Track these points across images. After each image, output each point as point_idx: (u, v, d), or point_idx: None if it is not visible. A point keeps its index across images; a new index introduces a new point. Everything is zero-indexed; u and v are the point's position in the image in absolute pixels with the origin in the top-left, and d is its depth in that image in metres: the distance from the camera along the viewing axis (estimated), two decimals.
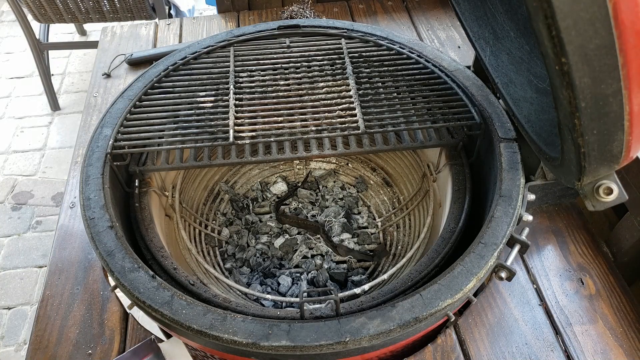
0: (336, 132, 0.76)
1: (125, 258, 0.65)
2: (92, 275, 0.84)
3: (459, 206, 0.77)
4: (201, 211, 1.02)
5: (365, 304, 0.64)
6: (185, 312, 0.59)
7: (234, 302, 0.66)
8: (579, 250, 0.86)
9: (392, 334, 0.58)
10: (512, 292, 0.80)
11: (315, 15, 1.35)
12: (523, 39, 0.77)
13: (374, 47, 0.94)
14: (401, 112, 0.80)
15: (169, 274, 0.70)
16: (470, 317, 0.77)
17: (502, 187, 0.70)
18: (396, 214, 1.04)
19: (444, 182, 0.86)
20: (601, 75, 0.41)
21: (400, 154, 1.04)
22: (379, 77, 0.87)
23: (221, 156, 0.77)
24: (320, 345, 0.56)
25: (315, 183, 1.13)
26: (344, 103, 0.80)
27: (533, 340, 0.75)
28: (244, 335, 0.57)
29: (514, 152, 0.74)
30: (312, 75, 0.87)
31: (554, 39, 0.40)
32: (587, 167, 0.50)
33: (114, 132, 0.77)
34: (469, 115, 0.78)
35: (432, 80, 0.86)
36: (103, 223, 0.69)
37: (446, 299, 0.59)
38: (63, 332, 0.78)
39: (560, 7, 0.38)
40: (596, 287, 0.81)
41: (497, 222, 0.66)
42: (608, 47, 0.40)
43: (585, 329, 0.76)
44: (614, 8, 0.38)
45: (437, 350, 0.74)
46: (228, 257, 1.01)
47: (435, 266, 0.69)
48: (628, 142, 0.47)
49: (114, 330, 0.78)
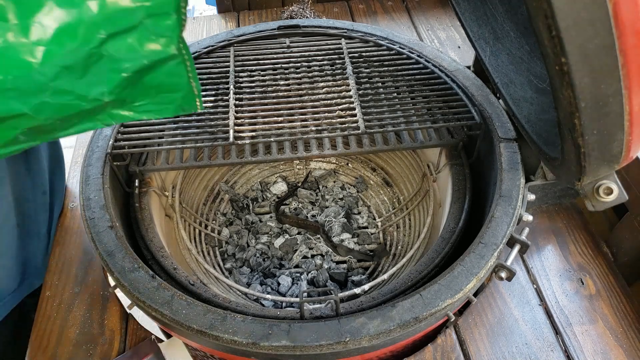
0: (336, 132, 0.76)
1: (125, 258, 0.65)
2: (92, 275, 0.84)
3: (459, 206, 0.77)
4: (201, 211, 1.02)
5: (365, 304, 0.64)
6: (185, 312, 0.59)
7: (234, 302, 0.66)
8: (579, 250, 0.86)
9: (392, 334, 0.58)
10: (512, 292, 0.80)
11: (315, 15, 1.35)
12: (523, 39, 0.77)
13: (374, 47, 0.94)
14: (401, 112, 0.80)
15: (169, 274, 0.70)
16: (470, 317, 0.77)
17: (502, 187, 0.70)
18: (396, 214, 1.04)
19: (444, 182, 0.86)
20: (601, 75, 0.41)
21: (400, 154, 1.04)
22: (379, 77, 0.87)
23: (221, 156, 0.77)
24: (320, 345, 0.56)
25: (315, 183, 1.13)
26: (344, 103, 0.80)
27: (533, 340, 0.75)
28: (244, 335, 0.57)
29: (514, 152, 0.74)
30: (312, 75, 0.87)
31: (554, 39, 0.40)
32: (587, 167, 0.50)
33: (114, 132, 0.77)
34: (469, 115, 0.78)
35: (432, 80, 0.86)
36: (103, 223, 0.69)
37: (446, 299, 0.59)
38: (63, 332, 0.78)
39: (560, 7, 0.38)
40: (596, 287, 0.81)
41: (497, 222, 0.66)
42: (608, 47, 0.40)
43: (585, 329, 0.76)
44: (614, 8, 0.38)
45: (437, 350, 0.74)
46: (228, 257, 1.01)
47: (435, 266, 0.69)
48: (628, 142, 0.47)
49: (114, 330, 0.78)
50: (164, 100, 0.54)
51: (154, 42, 0.49)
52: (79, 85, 0.47)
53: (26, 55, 0.43)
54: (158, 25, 0.48)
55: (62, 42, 0.44)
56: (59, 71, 0.45)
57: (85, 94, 0.48)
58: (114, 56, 0.47)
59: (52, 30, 0.43)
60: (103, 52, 0.47)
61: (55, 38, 0.43)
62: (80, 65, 0.46)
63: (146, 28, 0.47)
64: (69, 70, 0.46)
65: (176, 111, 0.55)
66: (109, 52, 0.47)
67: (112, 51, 0.47)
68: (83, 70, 0.46)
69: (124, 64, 0.48)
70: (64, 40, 0.44)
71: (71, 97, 0.47)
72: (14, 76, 0.44)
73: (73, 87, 0.47)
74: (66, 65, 0.45)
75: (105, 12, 0.45)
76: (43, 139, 0.52)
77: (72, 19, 0.44)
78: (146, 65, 0.50)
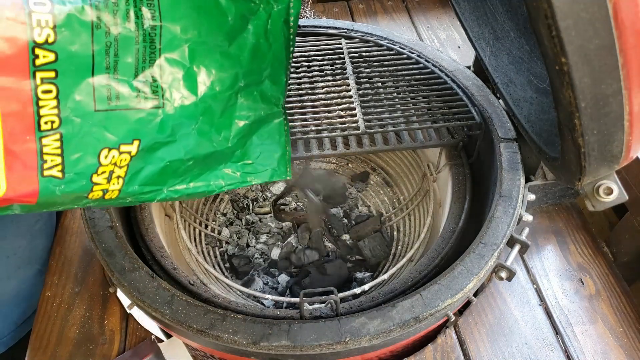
0: (336, 132, 0.76)
1: (125, 258, 0.65)
2: (92, 275, 0.84)
3: (459, 206, 0.77)
4: (201, 211, 1.02)
5: (365, 304, 0.64)
6: (185, 312, 0.59)
7: (234, 302, 0.66)
8: (579, 250, 0.86)
9: (392, 334, 0.58)
10: (512, 292, 0.80)
11: (315, 15, 1.35)
12: (523, 39, 0.77)
13: (374, 47, 0.94)
14: (401, 112, 0.80)
15: (168, 274, 0.70)
16: (470, 317, 0.77)
17: (502, 187, 0.70)
18: (396, 214, 1.04)
19: (444, 182, 0.86)
20: (601, 75, 0.41)
21: (400, 154, 1.04)
22: (379, 77, 0.87)
23: None
24: (320, 345, 0.56)
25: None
26: (344, 103, 0.80)
27: (533, 340, 0.75)
28: (244, 335, 0.57)
29: (514, 152, 0.74)
30: (312, 75, 0.87)
31: (554, 39, 0.40)
32: (587, 167, 0.50)
33: None
34: (469, 115, 0.78)
35: (432, 80, 0.86)
36: (103, 223, 0.69)
37: (446, 299, 0.59)
38: (63, 332, 0.78)
39: (560, 7, 0.38)
40: (596, 287, 0.81)
41: (497, 222, 0.66)
42: (608, 47, 0.40)
43: (585, 329, 0.76)
44: (614, 8, 0.38)
45: (437, 350, 0.74)
46: (228, 257, 1.01)
47: (435, 266, 0.69)
48: (628, 142, 0.47)
49: (114, 330, 0.78)
50: (263, 162, 0.58)
51: (269, 99, 0.58)
52: (215, 125, 0.53)
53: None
54: (274, 83, 0.57)
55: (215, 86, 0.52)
56: (206, 107, 0.51)
57: (218, 133, 0.53)
58: (242, 104, 0.55)
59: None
60: (237, 98, 0.54)
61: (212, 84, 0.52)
62: (220, 108, 0.52)
63: (266, 85, 0.57)
64: (211, 110, 0.52)
65: (271, 177, 0.59)
66: (240, 100, 0.54)
67: (242, 99, 0.54)
68: (221, 113, 0.53)
69: (248, 112, 0.55)
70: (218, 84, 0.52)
71: (208, 135, 0.52)
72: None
73: (212, 125, 0.52)
74: (211, 105, 0.52)
75: (249, 65, 0.54)
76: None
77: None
78: (261, 117, 0.57)
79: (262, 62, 0.55)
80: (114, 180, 0.46)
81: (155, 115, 0.47)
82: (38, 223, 0.87)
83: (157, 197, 0.50)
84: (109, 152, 0.45)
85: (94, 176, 0.44)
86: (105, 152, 0.44)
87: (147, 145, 0.47)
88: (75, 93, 0.42)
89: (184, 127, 0.49)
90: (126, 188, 0.47)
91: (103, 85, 0.43)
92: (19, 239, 0.84)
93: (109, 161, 0.45)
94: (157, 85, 0.47)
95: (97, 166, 0.44)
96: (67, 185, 0.43)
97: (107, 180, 0.45)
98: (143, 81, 0.45)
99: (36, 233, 0.87)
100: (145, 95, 0.46)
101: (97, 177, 0.44)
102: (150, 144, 0.47)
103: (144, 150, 0.47)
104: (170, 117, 0.48)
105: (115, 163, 0.45)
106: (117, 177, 0.46)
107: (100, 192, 0.46)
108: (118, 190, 0.47)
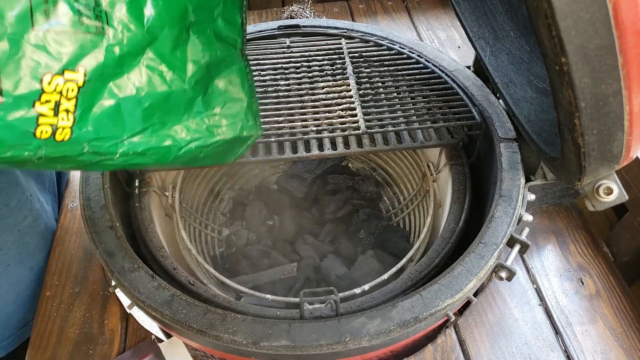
0: (336, 132, 0.76)
1: (125, 258, 0.65)
2: (92, 275, 0.84)
3: (459, 206, 0.77)
4: (201, 211, 1.02)
5: (365, 304, 0.64)
6: (185, 312, 0.59)
7: (233, 302, 0.66)
8: (579, 250, 0.86)
9: (392, 334, 0.58)
10: (512, 292, 0.80)
11: (315, 15, 1.35)
12: (523, 39, 0.77)
13: (374, 47, 0.94)
14: (401, 112, 0.80)
15: (168, 274, 0.70)
16: (470, 317, 0.77)
17: (502, 187, 0.70)
18: (396, 214, 1.04)
19: (444, 182, 0.86)
20: (601, 75, 0.41)
21: (400, 154, 1.04)
22: (379, 77, 0.87)
23: None
24: (320, 345, 0.56)
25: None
26: (344, 103, 0.80)
27: (533, 340, 0.75)
28: (243, 335, 0.57)
29: (514, 152, 0.74)
30: (312, 75, 0.87)
31: (554, 39, 0.40)
32: (587, 167, 0.50)
33: None
34: (469, 115, 0.78)
35: (432, 80, 0.86)
36: (103, 223, 0.69)
37: (446, 299, 0.59)
38: (63, 332, 0.78)
39: (560, 7, 0.38)
40: (596, 287, 0.81)
41: (497, 222, 0.66)
42: (608, 47, 0.40)
43: (585, 329, 0.76)
44: (614, 8, 0.38)
45: (437, 350, 0.74)
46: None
47: (435, 266, 0.69)
48: (628, 142, 0.47)
49: (114, 330, 0.78)
50: (230, 113, 0.56)
51: (224, 39, 0.55)
52: (167, 61, 0.50)
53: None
54: (228, 23, 0.55)
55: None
56: (154, 38, 0.49)
57: (171, 69, 0.51)
58: (195, 42, 0.52)
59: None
60: (189, 35, 0.52)
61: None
62: (170, 42, 0.50)
63: (220, 23, 0.54)
64: (160, 43, 0.49)
65: (241, 130, 0.57)
66: (192, 37, 0.52)
67: (194, 37, 0.52)
68: (172, 48, 0.50)
69: (202, 52, 0.53)
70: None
71: (160, 72, 0.50)
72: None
73: (163, 60, 0.50)
74: (159, 37, 0.49)
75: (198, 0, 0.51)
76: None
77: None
78: (218, 59, 0.54)
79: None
80: (62, 112, 0.43)
81: (99, 40, 0.44)
82: (27, 219, 0.85)
83: (118, 148, 0.47)
84: (52, 78, 0.42)
85: (36, 103, 0.41)
86: (48, 77, 0.42)
87: (94, 75, 0.45)
88: (13, 10, 0.40)
89: (132, 57, 0.47)
90: (78, 128, 0.44)
91: (42, 3, 0.41)
92: (4, 234, 0.82)
93: (53, 88, 0.42)
94: (101, 10, 0.44)
95: (39, 92, 0.41)
96: (6, 111, 0.40)
97: (54, 111, 0.42)
98: (85, 4, 0.43)
99: (25, 229, 0.85)
100: (88, 19, 0.43)
101: (40, 106, 0.41)
102: (97, 74, 0.45)
103: (91, 81, 0.44)
104: (116, 45, 0.45)
105: (61, 92, 0.43)
106: (65, 111, 0.43)
107: (49, 129, 0.42)
108: (70, 129, 0.44)
